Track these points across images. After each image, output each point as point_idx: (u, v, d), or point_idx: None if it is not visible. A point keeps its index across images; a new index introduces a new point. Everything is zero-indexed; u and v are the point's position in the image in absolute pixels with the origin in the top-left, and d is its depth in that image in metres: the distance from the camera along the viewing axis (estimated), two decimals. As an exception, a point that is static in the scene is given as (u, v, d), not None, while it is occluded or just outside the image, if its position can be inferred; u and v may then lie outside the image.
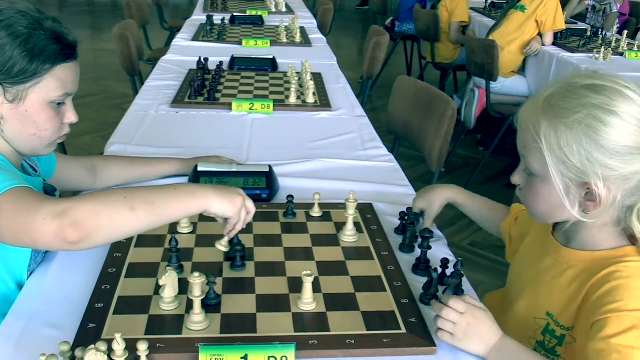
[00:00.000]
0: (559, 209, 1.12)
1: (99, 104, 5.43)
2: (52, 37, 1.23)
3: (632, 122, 1.04)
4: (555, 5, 4.20)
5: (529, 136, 1.12)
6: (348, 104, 2.57)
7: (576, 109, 1.05)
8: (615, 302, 1.04)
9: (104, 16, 10.17)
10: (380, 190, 1.78)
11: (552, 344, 1.18)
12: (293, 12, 4.78)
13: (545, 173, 1.09)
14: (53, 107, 1.28)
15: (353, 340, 1.10)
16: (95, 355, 0.96)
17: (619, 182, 1.06)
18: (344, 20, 10.17)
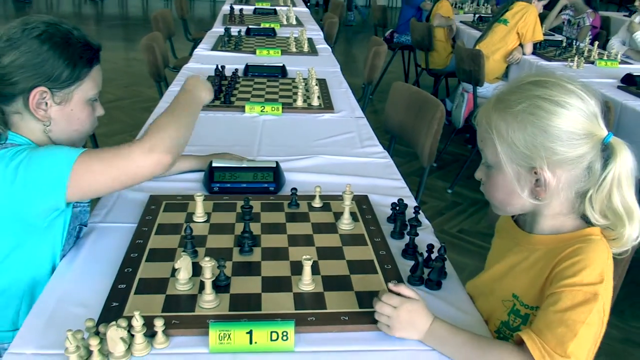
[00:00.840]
0: (514, 196, 1.09)
1: (130, 107, 5.42)
2: (84, 45, 1.29)
3: (572, 110, 1.01)
4: (534, 19, 4.16)
5: (483, 130, 1.10)
6: (349, 106, 2.54)
7: (521, 100, 1.04)
8: (572, 277, 1.00)
9: (136, 29, 10.15)
10: (375, 183, 1.76)
11: (517, 323, 1.14)
12: (302, 24, 4.75)
13: (498, 162, 1.07)
14: (90, 104, 1.34)
15: (347, 317, 1.10)
16: (116, 330, 0.95)
17: (564, 167, 1.03)
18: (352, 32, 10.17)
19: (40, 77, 1.23)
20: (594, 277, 1.00)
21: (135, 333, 0.98)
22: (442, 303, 1.18)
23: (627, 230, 1.03)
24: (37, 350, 0.99)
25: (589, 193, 1.05)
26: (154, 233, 1.36)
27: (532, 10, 4.16)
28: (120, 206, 1.52)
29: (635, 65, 3.96)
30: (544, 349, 0.96)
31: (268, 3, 5.86)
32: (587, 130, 1.02)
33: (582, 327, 0.96)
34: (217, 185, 1.60)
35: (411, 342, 1.05)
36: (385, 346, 1.05)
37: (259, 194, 1.60)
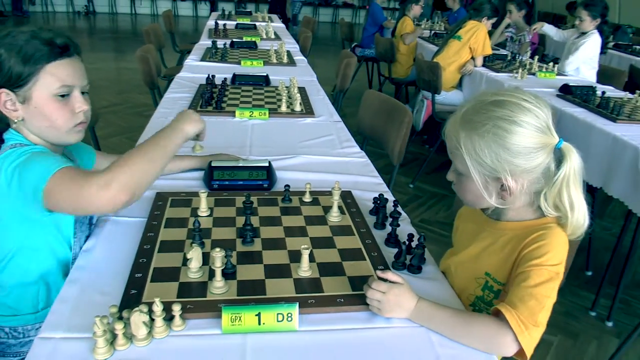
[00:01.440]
0: (482, 198, 1.13)
1: (124, 112, 5.32)
2: (44, 43, 1.18)
3: (529, 128, 1.05)
4: (484, 36, 4.21)
5: (452, 145, 1.13)
6: (327, 111, 2.54)
7: (485, 122, 1.06)
8: (539, 258, 1.05)
9: (126, 41, 9.96)
10: (356, 180, 1.76)
11: (490, 298, 1.19)
12: (280, 38, 4.72)
13: (467, 172, 1.11)
14: (58, 99, 1.20)
15: (342, 299, 1.09)
16: (139, 315, 0.93)
17: (525, 175, 1.08)
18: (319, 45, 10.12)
19: (1, 79, 1.16)
20: (557, 259, 1.06)
21: (156, 317, 0.96)
22: (423, 284, 1.19)
23: (570, 220, 1.09)
24: (65, 335, 0.96)
25: (543, 190, 1.10)
26: (163, 226, 1.33)
27: (482, 28, 4.21)
28: (129, 202, 1.49)
29: (570, 77, 4.05)
30: (519, 319, 0.99)
31: (248, 19, 5.82)
32: (542, 142, 1.06)
33: (547, 300, 1.02)
34: (216, 182, 1.58)
35: (400, 320, 1.06)
36: (377, 324, 1.05)
37: (254, 190, 1.59)
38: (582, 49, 4.19)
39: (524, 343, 0.99)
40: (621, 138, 2.51)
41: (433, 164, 4.43)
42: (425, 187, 4.04)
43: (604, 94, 3.04)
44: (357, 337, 1.02)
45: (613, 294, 2.59)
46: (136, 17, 13.28)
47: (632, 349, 2.34)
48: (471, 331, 1.02)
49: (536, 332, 1.01)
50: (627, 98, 3.25)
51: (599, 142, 2.65)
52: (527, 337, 0.99)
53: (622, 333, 2.48)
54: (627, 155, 2.45)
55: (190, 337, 0.98)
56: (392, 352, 0.98)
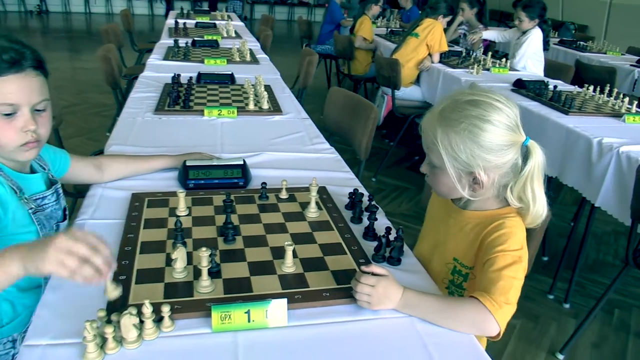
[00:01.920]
0: (455, 190, 1.18)
1: (82, 112, 5.16)
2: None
3: (501, 126, 1.11)
4: (440, 33, 4.28)
5: (429, 140, 1.17)
6: (294, 109, 2.53)
7: (461, 120, 1.11)
8: (502, 245, 1.12)
9: (81, 41, 9.66)
10: (329, 176, 1.76)
11: (459, 281, 1.26)
12: (241, 36, 4.67)
13: (442, 166, 1.15)
14: (1, 117, 1.10)
15: (328, 293, 1.09)
16: (129, 318, 0.91)
17: (495, 170, 1.13)
18: (276, 43, 10.04)
19: None
20: (518, 245, 1.13)
21: (145, 319, 0.94)
22: (403, 276, 1.20)
23: (531, 210, 1.15)
24: (52, 341, 0.92)
25: (509, 184, 1.16)
26: (142, 227, 1.30)
27: (438, 25, 4.28)
28: (105, 204, 1.45)
29: (522, 72, 4.16)
30: (492, 300, 1.05)
31: (207, 17, 5.73)
32: (512, 140, 1.12)
33: (514, 281, 1.08)
34: (192, 182, 1.55)
35: (386, 311, 1.07)
36: (364, 316, 1.06)
37: (230, 188, 1.57)
38: (525, 45, 4.34)
39: (498, 319, 1.04)
40: (574, 130, 2.60)
41: (393, 157, 4.48)
42: (387, 180, 4.08)
43: (556, 88, 3.15)
44: (345, 329, 1.02)
45: (569, 277, 2.69)
46: (90, 16, 12.88)
47: (588, 329, 2.44)
48: (457, 316, 1.05)
49: (508, 309, 1.06)
50: (576, 92, 3.37)
51: (553, 134, 2.74)
52: (500, 314, 1.04)
53: (578, 314, 2.58)
54: (580, 146, 2.54)
55: (180, 338, 0.96)
56: (380, 342, 0.99)
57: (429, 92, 4.29)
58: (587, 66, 4.75)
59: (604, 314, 2.59)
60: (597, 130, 2.57)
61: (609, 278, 2.92)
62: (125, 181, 1.59)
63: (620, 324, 2.54)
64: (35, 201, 1.19)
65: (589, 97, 3.24)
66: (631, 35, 7.84)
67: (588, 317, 2.28)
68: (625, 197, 2.24)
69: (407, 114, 4.16)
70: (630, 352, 2.36)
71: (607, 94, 3.19)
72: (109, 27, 4.39)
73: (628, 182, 2.22)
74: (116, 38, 4.45)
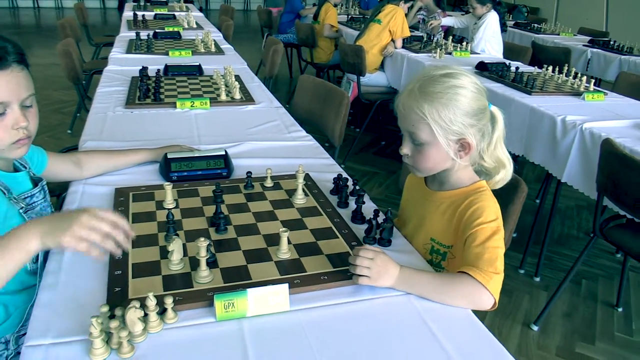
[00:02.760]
0: (441, 162, 1.23)
1: (41, 110, 4.80)
2: None
3: (475, 91, 1.19)
4: (402, 19, 4.32)
5: (415, 117, 1.19)
6: (266, 98, 2.52)
7: (444, 91, 1.16)
8: (478, 219, 1.18)
9: (31, 36, 9.29)
10: (309, 162, 1.76)
11: (438, 260, 1.30)
12: (202, 27, 4.60)
13: (432, 140, 1.19)
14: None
15: (326, 277, 1.11)
16: (134, 311, 0.90)
17: (477, 133, 1.20)
18: (233, 33, 9.92)
19: None
20: (493, 215, 1.19)
21: (150, 312, 0.93)
22: (395, 256, 1.21)
23: (503, 172, 1.24)
24: (54, 340, 0.90)
25: (484, 148, 1.23)
26: (131, 222, 1.28)
27: (400, 11, 4.32)
28: (88, 200, 1.41)
29: (482, 55, 4.25)
30: (482, 272, 1.10)
31: (165, 9, 5.61)
32: (483, 104, 1.20)
33: (498, 250, 1.13)
34: (175, 174, 1.53)
35: (383, 290, 1.09)
36: (363, 297, 1.07)
37: (213, 179, 1.56)
38: (482, 29, 4.45)
39: (492, 290, 1.09)
40: (538, 109, 2.68)
41: (360, 143, 4.52)
42: (355, 166, 4.11)
43: (518, 70, 3.23)
44: (346, 310, 1.03)
45: (538, 252, 2.79)
46: (39, 10, 12.41)
47: (559, 300, 2.53)
48: (453, 291, 1.08)
49: (498, 278, 1.11)
50: (536, 72, 3.46)
51: (517, 113, 2.82)
52: (492, 284, 1.09)
53: (549, 286, 2.68)
54: (544, 125, 2.62)
55: (185, 329, 0.95)
56: (381, 321, 1.01)
57: (394, 78, 4.33)
58: (542, 47, 4.89)
59: (572, 285, 2.69)
60: (559, 108, 2.66)
61: (575, 250, 3.04)
62: (105, 177, 1.55)
63: (588, 294, 2.66)
64: (24, 200, 1.16)
65: (548, 77, 3.35)
66: (580, 15, 8.10)
67: (559, 289, 2.37)
68: (590, 172, 2.33)
69: (373, 99, 4.20)
70: (599, 319, 2.46)
71: (565, 73, 3.30)
72: (65, 21, 4.25)
73: (592, 158, 2.31)
74: (73, 32, 4.31)
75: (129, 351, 0.88)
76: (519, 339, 2.30)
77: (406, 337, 0.97)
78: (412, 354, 0.93)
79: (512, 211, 1.53)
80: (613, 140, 2.07)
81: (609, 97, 3.00)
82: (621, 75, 3.59)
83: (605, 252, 3.05)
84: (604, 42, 5.23)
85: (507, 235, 1.54)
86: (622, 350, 2.26)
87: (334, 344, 0.94)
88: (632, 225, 2.24)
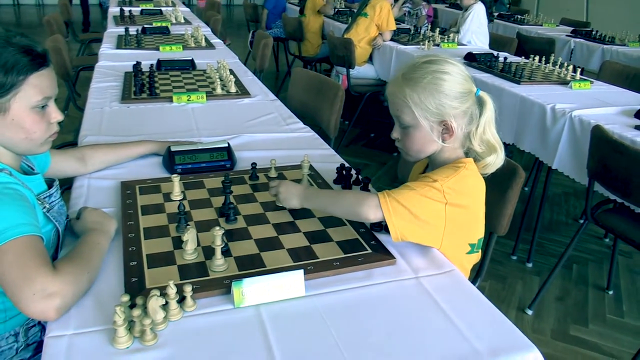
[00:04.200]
0: (427, 145, 1.26)
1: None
2: (22, 51, 1.06)
3: (457, 76, 1.21)
4: (387, 12, 4.33)
5: (399, 102, 1.24)
6: (261, 91, 2.52)
7: (424, 76, 1.21)
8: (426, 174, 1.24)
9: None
10: (310, 153, 1.75)
11: None
12: (190, 22, 4.57)
13: (415, 122, 1.23)
14: (37, 112, 1.11)
15: (338, 262, 1.12)
16: (156, 300, 0.91)
17: (461, 116, 1.23)
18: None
19: None
20: (438, 177, 1.20)
21: (170, 300, 0.94)
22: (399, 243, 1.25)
23: (494, 156, 1.27)
24: (76, 331, 0.91)
25: (471, 131, 1.26)
26: (140, 214, 1.29)
27: (385, 4, 4.33)
28: (94, 194, 1.41)
29: (469, 46, 4.29)
30: (385, 192, 1.19)
31: (151, 4, 5.56)
32: (468, 88, 1.23)
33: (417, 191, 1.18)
34: (179, 167, 1.54)
35: (394, 274, 1.11)
36: (375, 281, 1.09)
37: (217, 171, 1.57)
38: (469, 21, 4.49)
39: (383, 207, 1.15)
40: (528, 98, 2.72)
41: (350, 136, 4.54)
42: (346, 158, 4.07)
43: (506, 60, 3.27)
44: (360, 294, 1.06)
45: (529, 238, 2.84)
46: (19, 7, 12.21)
47: (552, 284, 2.59)
48: (343, 199, 1.24)
49: (398, 205, 1.15)
50: (523, 62, 3.51)
51: (508, 103, 2.86)
52: (387, 203, 1.16)
53: (540, 271, 2.73)
54: (534, 113, 2.67)
55: (204, 316, 0.97)
56: (394, 303, 1.03)
57: (382, 70, 4.35)
58: (527, 38, 4.94)
59: (563, 270, 2.75)
60: (548, 97, 2.70)
61: (565, 236, 3.10)
62: (108, 170, 1.55)
63: (579, 278, 2.72)
64: (45, 200, 1.16)
65: (535, 67, 3.39)
66: (561, 6, 8.20)
67: (551, 274, 2.42)
68: (580, 158, 2.38)
69: (362, 92, 4.22)
70: (590, 302, 2.52)
71: (552, 63, 3.35)
72: (51, 18, 4.19)
73: (582, 144, 2.36)
74: (59, 28, 4.25)
75: (152, 338, 0.89)
76: (515, 323, 2.34)
77: (419, 316, 1.00)
78: (427, 333, 0.95)
79: (510, 196, 1.57)
80: (603, 126, 2.11)
81: (595, 85, 3.05)
82: (605, 64, 3.66)
83: (594, 237, 3.12)
84: (586, 32, 5.31)
85: (505, 220, 1.59)
86: (614, 332, 2.32)
87: (352, 326, 0.96)
88: (621, 210, 2.29)
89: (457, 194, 1.19)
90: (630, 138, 2.16)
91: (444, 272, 1.15)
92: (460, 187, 1.20)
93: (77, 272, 0.98)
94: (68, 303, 0.94)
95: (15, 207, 1.00)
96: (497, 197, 1.53)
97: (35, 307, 0.91)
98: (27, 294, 0.90)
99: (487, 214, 1.34)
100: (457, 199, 1.19)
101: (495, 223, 1.55)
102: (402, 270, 1.14)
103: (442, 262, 1.18)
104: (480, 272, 1.62)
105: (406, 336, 0.94)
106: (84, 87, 2.90)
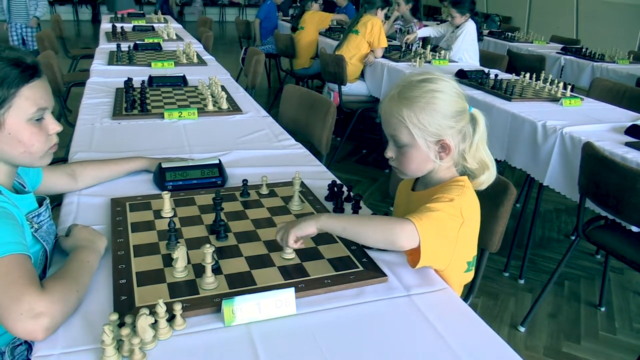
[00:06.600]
0: (424, 164, 1.26)
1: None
2: (11, 64, 1.05)
3: (452, 94, 1.22)
4: (379, 29, 4.36)
5: (395, 121, 1.23)
6: (253, 108, 2.53)
7: (422, 95, 1.20)
8: (437, 196, 1.20)
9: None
10: (301, 170, 1.76)
11: None
12: (182, 39, 4.59)
13: (413, 142, 1.23)
14: (33, 124, 1.10)
15: (329, 280, 1.12)
16: (145, 318, 0.90)
17: (456, 135, 1.23)
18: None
19: None
20: (453, 195, 1.19)
21: (159, 319, 0.93)
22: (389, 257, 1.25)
23: (487, 173, 1.27)
24: (64, 350, 0.90)
25: (465, 149, 1.26)
26: (130, 231, 1.28)
27: (377, 21, 4.36)
28: (84, 211, 1.41)
29: (460, 63, 4.34)
30: (416, 215, 1.13)
31: (143, 20, 5.59)
32: (463, 106, 1.23)
33: (440, 209, 1.15)
34: (170, 184, 1.54)
35: (385, 292, 1.11)
36: (366, 299, 1.09)
37: (208, 187, 1.57)
38: (460, 39, 4.55)
39: (419, 227, 1.09)
40: (519, 115, 2.75)
41: (342, 152, 4.55)
42: (338, 175, 4.11)
43: (497, 77, 3.31)
44: (351, 312, 1.05)
45: (521, 255, 2.85)
46: (9, 23, 12.21)
47: (544, 300, 2.59)
48: (373, 225, 1.13)
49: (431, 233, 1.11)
50: (514, 79, 3.55)
51: (499, 119, 2.89)
52: (423, 224, 1.10)
53: (533, 288, 2.74)
54: (525, 130, 2.69)
55: (194, 335, 0.96)
56: (386, 321, 1.03)
57: (374, 87, 4.39)
58: (518, 55, 5.01)
59: (555, 286, 2.76)
60: (539, 114, 2.73)
61: (556, 253, 3.11)
62: (98, 187, 1.55)
63: (571, 294, 2.72)
64: (33, 219, 1.15)
65: (526, 84, 3.43)
66: (551, 24, 8.32)
67: (544, 290, 2.42)
68: (571, 175, 2.40)
69: (354, 108, 4.24)
70: (583, 319, 2.53)
71: (542, 80, 3.39)
72: (43, 34, 4.20)
73: (573, 161, 2.38)
74: (51, 44, 4.26)
75: (140, 358, 0.89)
76: (507, 340, 2.31)
77: (411, 335, 1.00)
78: (419, 352, 0.95)
79: (502, 213, 1.58)
80: (593, 143, 2.14)
81: (585, 102, 3.09)
82: (595, 81, 3.70)
83: (586, 254, 3.13)
84: (576, 49, 5.38)
85: (497, 237, 1.59)
86: (606, 348, 2.33)
87: (343, 345, 0.96)
88: (612, 227, 2.31)
89: (468, 212, 1.19)
90: (621, 155, 2.18)
91: (436, 289, 1.15)
92: (469, 204, 1.21)
93: (66, 291, 0.97)
94: (56, 323, 0.93)
95: (2, 226, 0.99)
96: (488, 214, 1.54)
97: (23, 327, 0.89)
98: (14, 314, 0.89)
99: (479, 231, 1.35)
100: (469, 217, 1.19)
101: (487, 240, 1.56)
102: (393, 288, 1.14)
103: (433, 280, 1.18)
104: (472, 289, 1.62)
105: (398, 354, 0.94)
106: (75, 103, 2.91)
